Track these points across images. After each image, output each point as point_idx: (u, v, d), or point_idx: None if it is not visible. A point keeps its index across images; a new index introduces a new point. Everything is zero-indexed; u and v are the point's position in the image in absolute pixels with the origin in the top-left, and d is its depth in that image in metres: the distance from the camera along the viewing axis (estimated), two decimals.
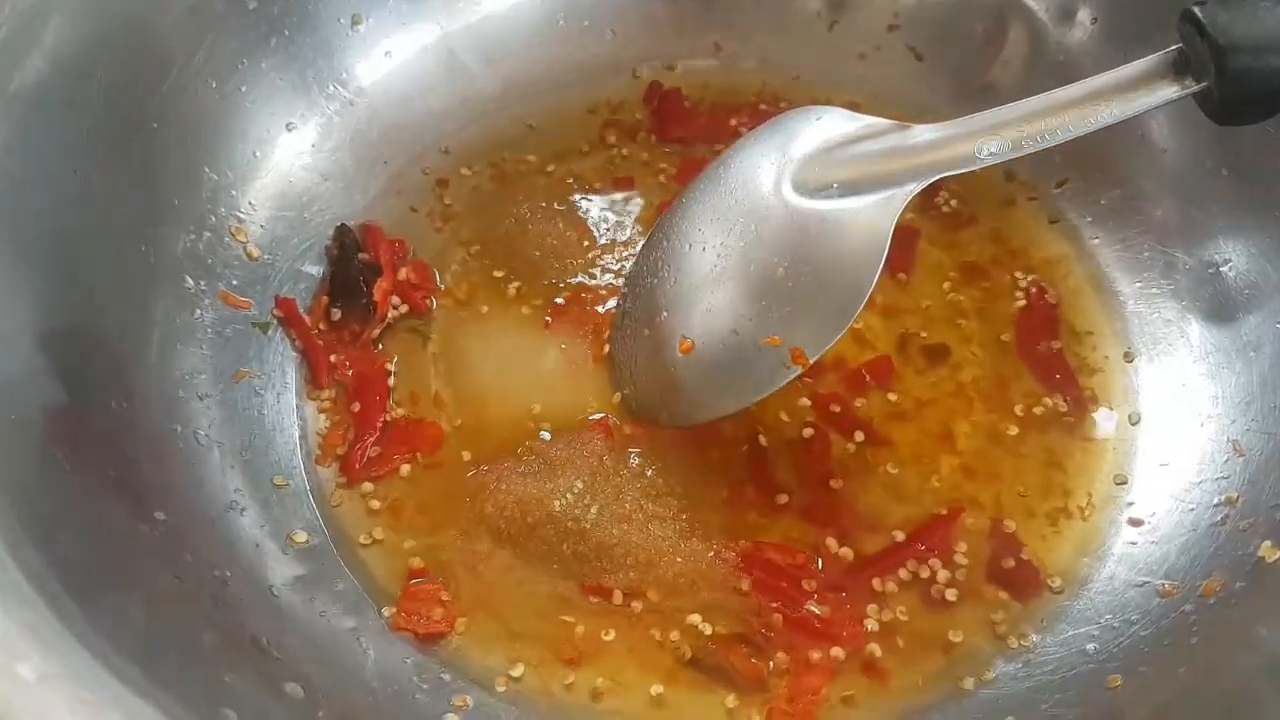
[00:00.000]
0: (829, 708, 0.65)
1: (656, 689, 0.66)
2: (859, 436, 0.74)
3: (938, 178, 0.66)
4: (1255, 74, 0.60)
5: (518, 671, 0.66)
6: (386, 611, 0.68)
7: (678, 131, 0.89)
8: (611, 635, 0.67)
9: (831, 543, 0.70)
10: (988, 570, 0.70)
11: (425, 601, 0.68)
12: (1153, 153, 0.81)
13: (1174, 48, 0.64)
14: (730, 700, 0.65)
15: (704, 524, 0.71)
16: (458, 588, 0.69)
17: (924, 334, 0.79)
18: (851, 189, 0.67)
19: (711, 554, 0.69)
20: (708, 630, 0.67)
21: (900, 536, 0.71)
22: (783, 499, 0.72)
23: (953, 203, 0.85)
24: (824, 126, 0.70)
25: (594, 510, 0.70)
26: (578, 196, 0.85)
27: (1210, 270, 0.77)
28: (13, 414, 0.57)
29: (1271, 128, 0.66)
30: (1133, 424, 0.76)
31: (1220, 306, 0.76)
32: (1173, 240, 0.80)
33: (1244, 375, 0.73)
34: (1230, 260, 0.76)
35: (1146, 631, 0.65)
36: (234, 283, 0.76)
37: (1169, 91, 0.63)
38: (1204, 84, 0.63)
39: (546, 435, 0.74)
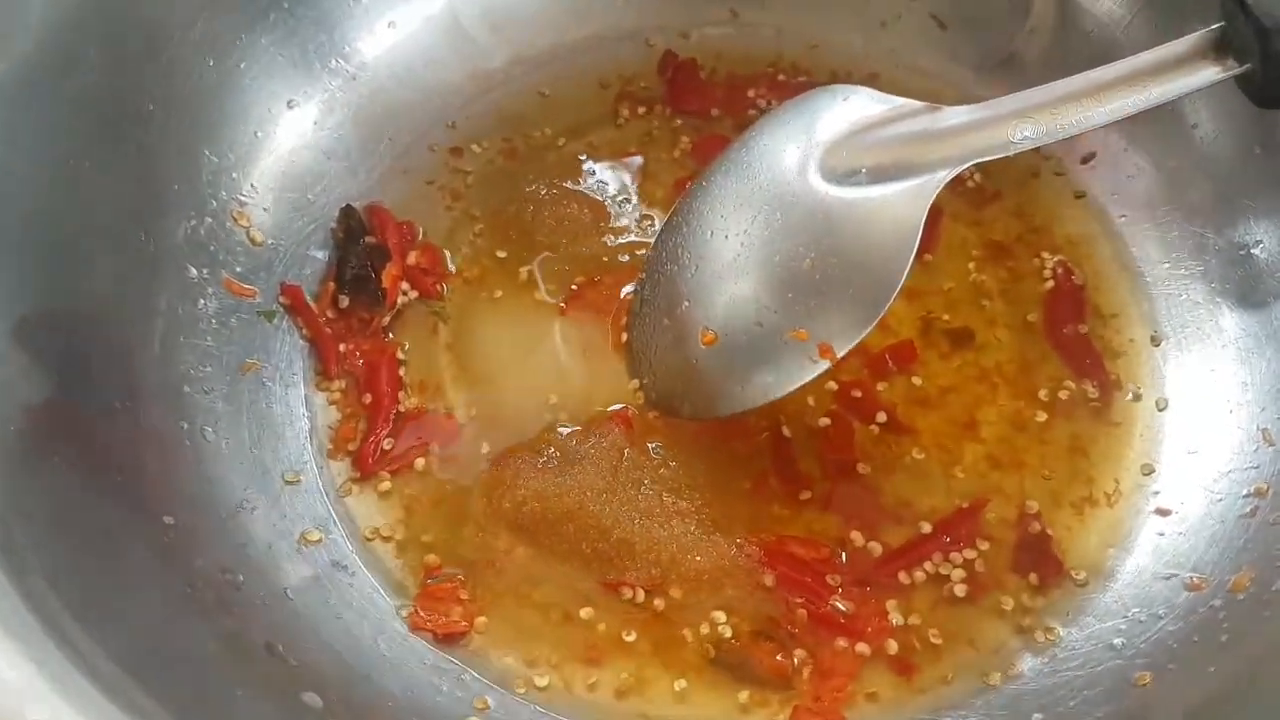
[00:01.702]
0: (855, 705, 0.65)
1: (680, 684, 0.65)
2: (881, 418, 0.73)
3: (970, 164, 0.64)
4: None
5: (539, 671, 0.65)
6: (404, 611, 0.67)
7: (693, 103, 0.86)
8: (633, 634, 0.66)
9: (856, 535, 0.69)
10: (1013, 562, 0.69)
11: (443, 600, 0.67)
12: (1183, 128, 0.79)
13: (1215, 26, 0.61)
14: (744, 696, 0.65)
15: (727, 518, 0.69)
16: (476, 585, 0.68)
17: (947, 317, 0.77)
18: (881, 175, 0.65)
19: (734, 549, 0.68)
20: (731, 629, 0.66)
21: (926, 528, 0.70)
22: (805, 494, 0.70)
23: (976, 178, 0.83)
24: (851, 108, 0.68)
25: (615, 505, 0.68)
26: (591, 173, 0.83)
27: (1241, 252, 0.75)
28: (5, 416, 0.55)
29: None
30: (1160, 410, 0.74)
31: (1251, 289, 0.75)
32: (1203, 220, 0.78)
33: (1274, 362, 0.72)
34: (1262, 242, 0.74)
35: (1174, 626, 0.65)
36: (238, 270, 0.73)
37: (1210, 73, 0.61)
38: (1247, 65, 0.60)
39: (565, 428, 0.72)
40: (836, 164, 0.66)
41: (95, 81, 0.66)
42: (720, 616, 0.66)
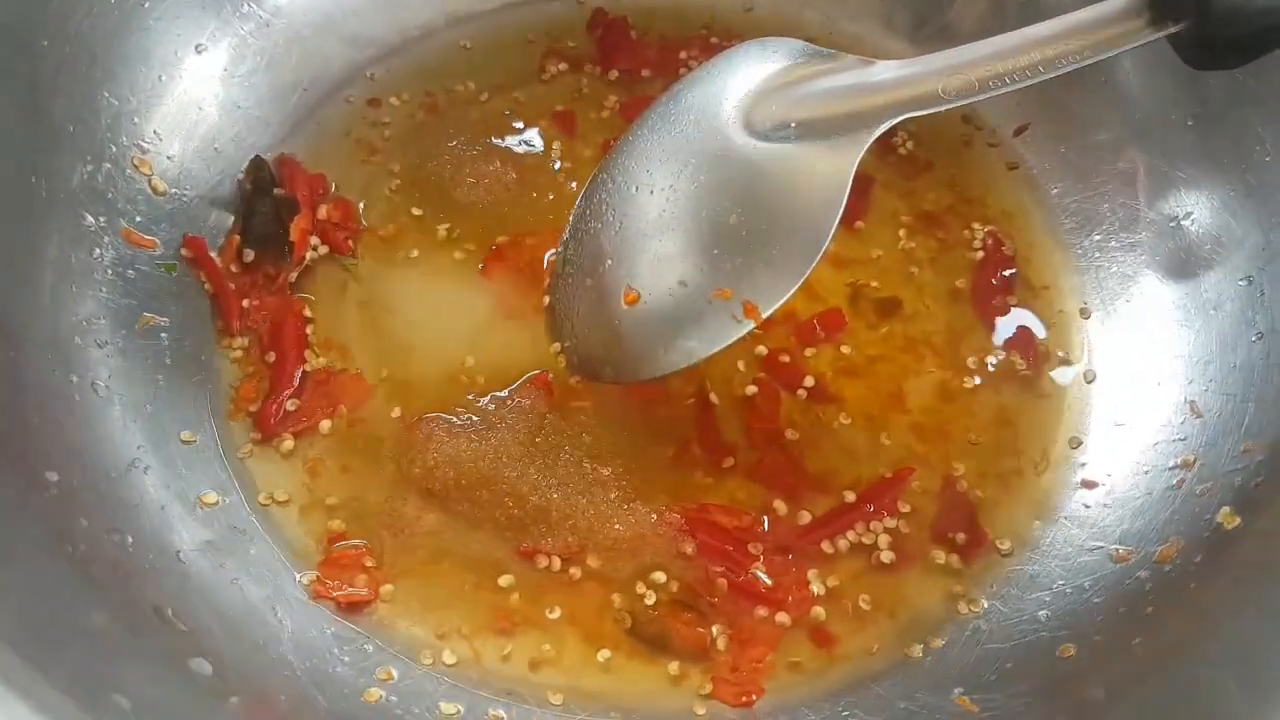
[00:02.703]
0: (775, 675, 0.63)
1: (604, 654, 0.63)
2: (809, 382, 0.71)
3: (900, 119, 0.62)
4: (1240, 15, 0.57)
5: (448, 641, 0.63)
6: (305, 578, 0.64)
7: (624, 63, 0.83)
8: (549, 603, 0.64)
9: (779, 504, 0.67)
10: (936, 533, 0.68)
11: (347, 567, 0.64)
12: (1117, 100, 0.78)
13: None
14: (674, 667, 0.63)
15: (648, 485, 0.67)
16: (382, 552, 0.65)
17: (876, 285, 0.76)
18: (810, 130, 0.63)
19: (655, 517, 0.66)
20: (650, 598, 0.64)
21: (850, 497, 0.68)
22: (729, 462, 0.69)
23: (909, 145, 0.82)
24: (781, 60, 0.66)
25: (532, 472, 0.66)
26: (516, 129, 0.80)
27: (1172, 224, 0.75)
28: None
29: (1241, 76, 0.64)
30: (1088, 382, 0.73)
31: (1181, 262, 0.74)
32: (1135, 192, 0.77)
33: (1203, 334, 0.71)
34: (1193, 214, 0.74)
35: (1100, 599, 0.64)
36: (137, 219, 0.70)
37: (1145, 32, 0.60)
38: (1183, 24, 0.59)
39: (482, 392, 0.69)
40: (765, 118, 0.64)
41: None
42: (639, 587, 0.64)
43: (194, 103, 0.74)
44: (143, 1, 0.71)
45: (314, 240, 0.73)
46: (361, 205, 0.76)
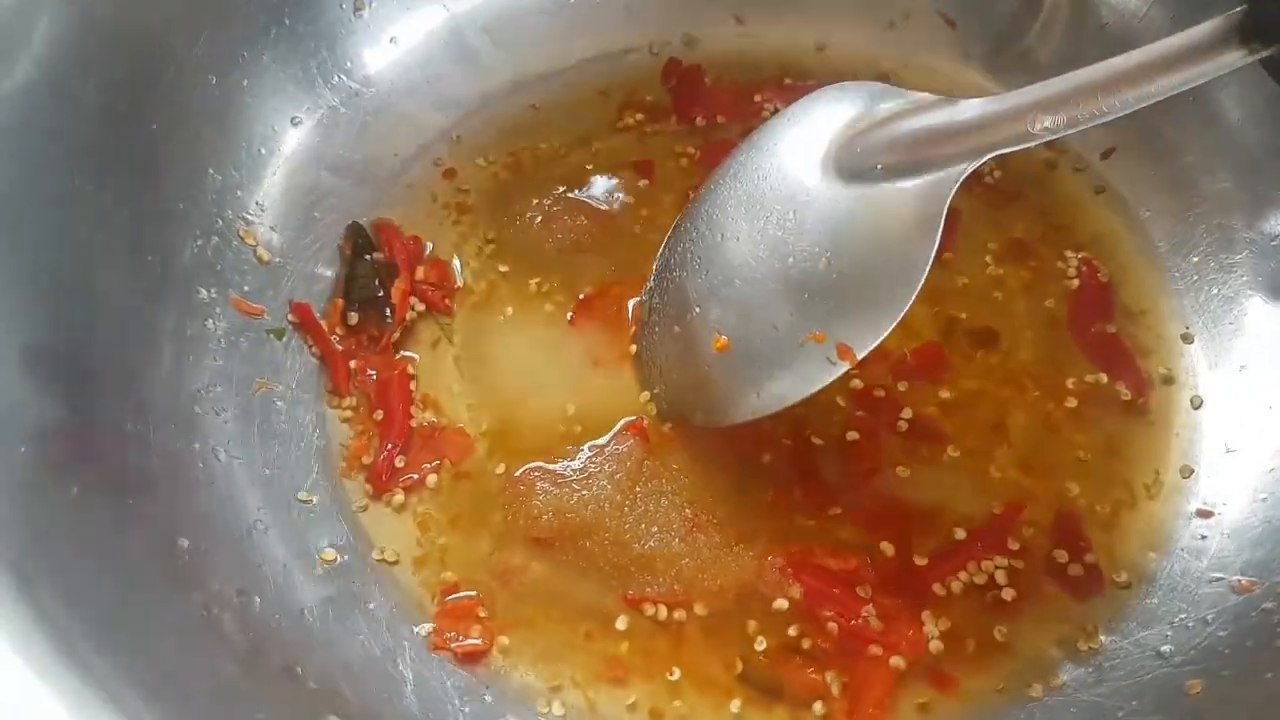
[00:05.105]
0: (898, 718, 0.63)
1: (735, 705, 0.63)
2: (907, 415, 0.71)
3: (989, 157, 0.62)
4: None
5: (563, 691, 0.64)
6: (423, 630, 0.65)
7: (700, 111, 0.84)
8: (659, 651, 0.64)
9: (886, 545, 0.67)
10: (1050, 569, 0.67)
11: (462, 618, 0.65)
12: (1208, 120, 0.77)
13: (1238, 10, 0.59)
14: (819, 708, 0.63)
15: (750, 529, 0.67)
16: (494, 603, 0.66)
17: (970, 318, 0.75)
18: (897, 171, 0.63)
19: (759, 562, 0.66)
20: (761, 644, 0.64)
21: (960, 535, 0.67)
22: (831, 504, 0.68)
23: (995, 174, 0.81)
24: (862, 103, 0.66)
25: (633, 519, 0.67)
26: (597, 184, 0.81)
27: (1274, 243, 0.73)
28: (14, 442, 0.54)
29: None
30: (1195, 408, 0.72)
31: None
32: (1232, 213, 0.75)
33: None
34: None
35: (1225, 631, 0.62)
36: (245, 289, 0.72)
37: (1233, 57, 0.59)
38: (1273, 48, 0.58)
39: (579, 441, 0.70)
40: (850, 161, 0.64)
41: (99, 100, 0.65)
42: (748, 632, 0.64)
43: (293, 173, 0.77)
44: (242, 80, 0.74)
45: (413, 300, 0.75)
46: (456, 264, 0.78)
